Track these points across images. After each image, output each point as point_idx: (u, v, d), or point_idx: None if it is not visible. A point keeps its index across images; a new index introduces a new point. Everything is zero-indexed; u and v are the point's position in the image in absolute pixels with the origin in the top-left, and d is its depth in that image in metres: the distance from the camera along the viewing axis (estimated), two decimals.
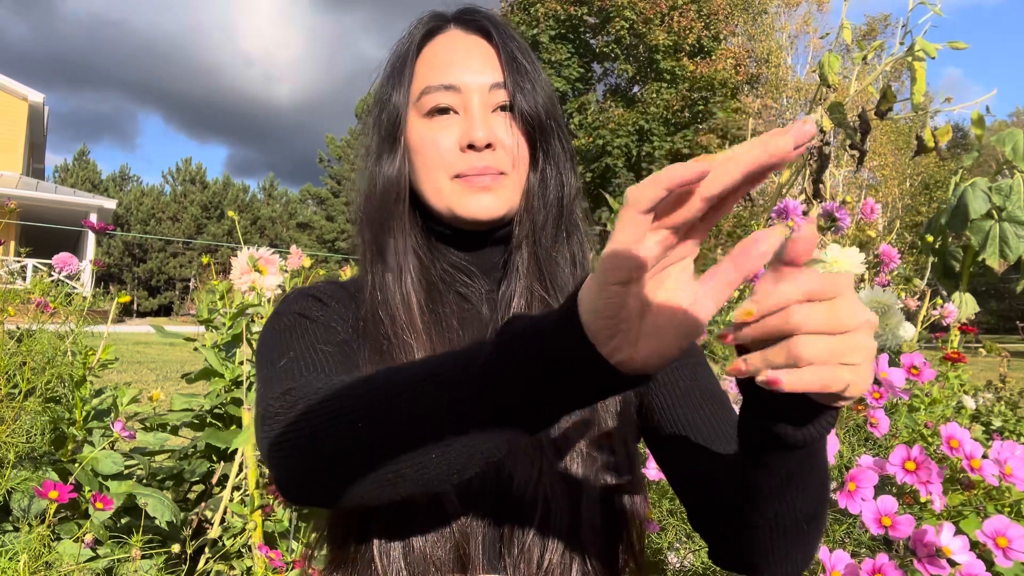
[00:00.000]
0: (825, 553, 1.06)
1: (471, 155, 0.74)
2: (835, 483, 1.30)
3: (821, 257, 1.97)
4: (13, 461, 1.51)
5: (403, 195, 0.77)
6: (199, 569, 1.75)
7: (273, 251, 1.71)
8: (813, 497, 0.58)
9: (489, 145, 0.74)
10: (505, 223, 0.78)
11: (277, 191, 42.11)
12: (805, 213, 2.40)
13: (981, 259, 2.64)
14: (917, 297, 2.47)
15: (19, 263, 13.18)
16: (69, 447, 1.82)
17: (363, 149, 0.82)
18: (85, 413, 1.85)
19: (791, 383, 0.39)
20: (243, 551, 1.84)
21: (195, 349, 2.40)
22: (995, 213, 2.64)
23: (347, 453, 0.54)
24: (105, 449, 1.77)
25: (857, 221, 2.91)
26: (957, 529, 1.05)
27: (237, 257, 1.69)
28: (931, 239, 2.87)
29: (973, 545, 1.05)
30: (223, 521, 1.91)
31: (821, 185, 2.85)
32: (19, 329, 1.83)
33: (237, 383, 2.17)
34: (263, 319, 2.09)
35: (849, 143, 2.92)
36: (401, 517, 0.68)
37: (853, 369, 0.40)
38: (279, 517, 1.73)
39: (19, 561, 1.27)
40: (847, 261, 1.96)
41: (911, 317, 2.32)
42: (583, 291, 0.44)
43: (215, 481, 2.18)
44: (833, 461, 1.22)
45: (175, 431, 2.33)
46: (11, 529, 1.57)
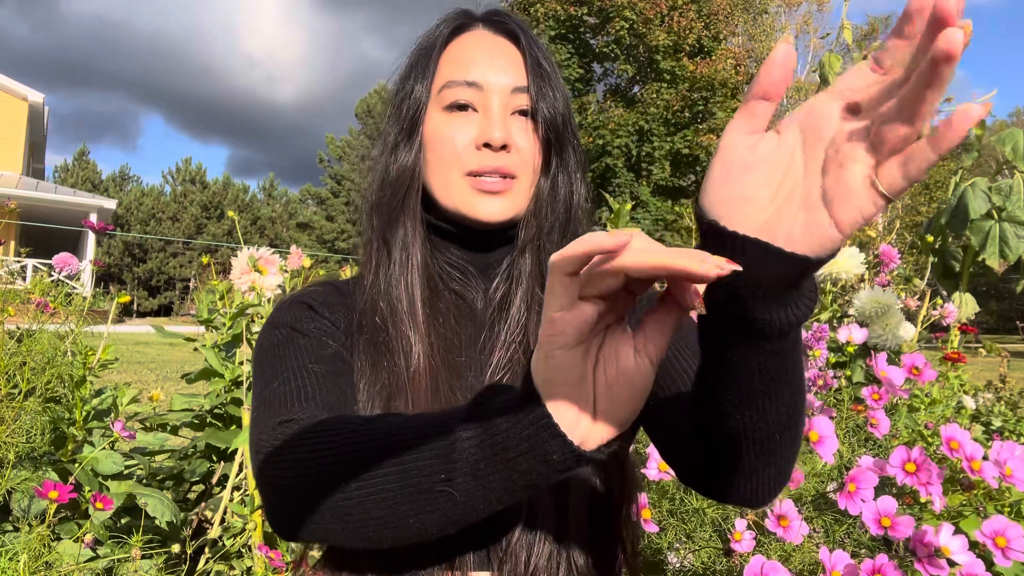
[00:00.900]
0: (825, 553, 1.06)
1: (485, 153, 0.74)
2: (835, 483, 1.30)
3: None
4: (13, 461, 1.51)
5: (416, 186, 0.78)
6: (199, 569, 1.75)
7: (273, 251, 1.71)
8: (787, 403, 0.52)
9: (504, 146, 0.74)
10: (511, 225, 0.78)
11: (277, 191, 42.14)
12: None
13: (981, 259, 2.64)
14: (917, 297, 2.47)
15: (19, 263, 13.19)
16: (69, 447, 1.82)
17: (379, 138, 0.82)
18: (85, 413, 1.85)
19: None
20: (243, 551, 1.84)
21: (195, 349, 2.40)
22: (995, 213, 2.64)
23: (329, 507, 0.57)
24: (105, 449, 1.77)
25: None
26: (956, 529, 1.05)
27: (237, 257, 1.69)
28: (931, 239, 2.87)
29: (973, 545, 1.05)
30: (223, 521, 1.91)
31: None
32: (19, 329, 1.83)
33: (237, 383, 2.17)
34: (263, 319, 2.09)
35: None
36: None
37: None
38: None
39: (19, 561, 1.27)
40: (847, 261, 1.96)
41: (911, 317, 2.32)
42: (533, 367, 0.45)
43: (215, 481, 2.18)
44: (833, 461, 1.22)
45: (175, 431, 2.33)
46: (11, 529, 1.57)
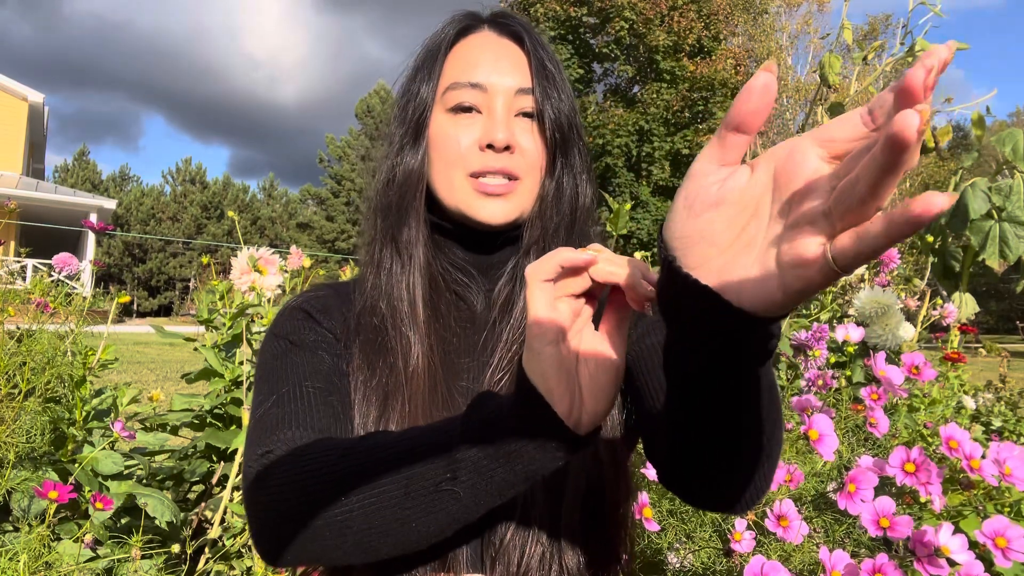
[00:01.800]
0: (825, 553, 1.06)
1: (488, 155, 0.74)
2: (835, 483, 1.30)
3: None
4: (13, 461, 1.51)
5: (421, 187, 0.78)
6: (199, 569, 1.75)
7: (273, 251, 1.71)
8: (749, 418, 0.50)
9: (508, 148, 0.74)
10: (515, 226, 0.78)
11: (277, 191, 42.12)
12: None
13: (981, 259, 2.63)
14: (917, 297, 2.47)
15: (19, 263, 13.19)
16: (69, 447, 1.82)
17: (383, 139, 0.83)
18: (85, 413, 1.85)
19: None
20: (243, 551, 1.84)
21: (195, 349, 2.40)
22: (995, 213, 2.64)
23: (327, 524, 0.58)
24: (105, 449, 1.77)
25: None
26: (956, 529, 1.05)
27: (237, 257, 1.69)
28: (931, 239, 2.87)
29: (972, 545, 1.05)
30: (223, 521, 1.91)
31: None
32: (19, 329, 1.83)
33: (237, 383, 2.17)
34: (263, 319, 2.09)
35: None
36: None
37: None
38: None
39: (19, 561, 1.27)
40: None
41: (911, 317, 2.32)
42: (525, 365, 0.51)
43: (215, 481, 2.18)
44: (833, 459, 1.22)
45: (175, 431, 2.33)
46: (11, 529, 1.57)
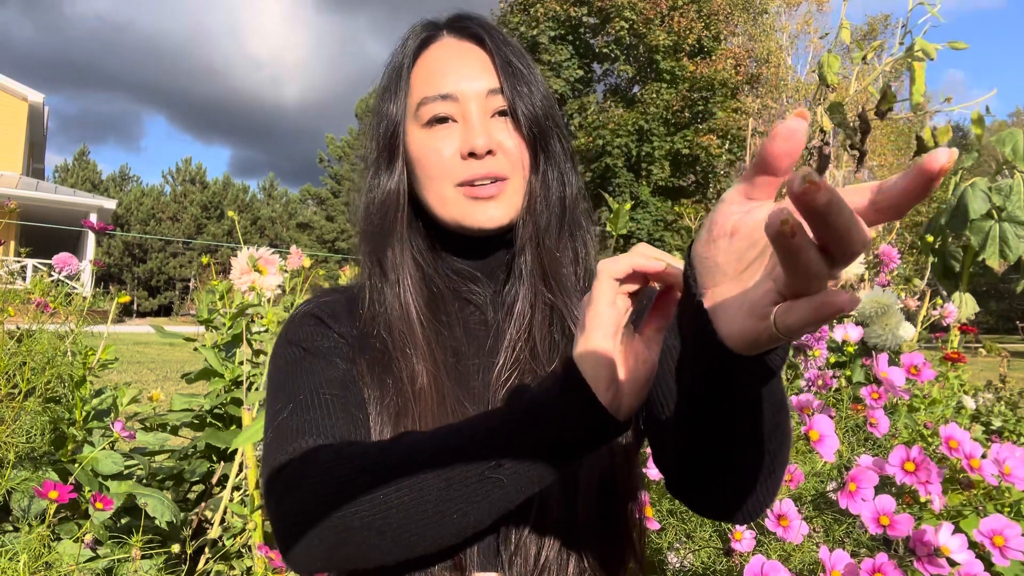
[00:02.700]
0: (825, 552, 1.06)
1: (472, 163, 0.74)
2: (835, 483, 1.30)
3: None
4: (13, 461, 1.51)
5: (402, 207, 0.78)
6: (199, 569, 1.75)
7: (273, 251, 1.71)
8: (752, 434, 0.52)
9: (490, 151, 0.74)
10: (509, 227, 0.78)
11: (277, 191, 42.12)
12: None
13: (981, 259, 2.64)
14: (917, 297, 2.47)
15: (19, 263, 13.18)
16: (69, 447, 1.82)
17: (362, 161, 0.83)
18: (85, 413, 1.85)
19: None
20: (243, 551, 1.84)
21: (195, 349, 2.40)
22: (995, 213, 2.64)
23: (366, 523, 0.58)
24: (105, 449, 1.77)
25: None
26: (956, 528, 1.05)
27: (237, 257, 1.69)
28: (931, 239, 2.87)
29: (972, 545, 1.05)
30: (223, 521, 1.91)
31: None
32: (19, 329, 1.83)
33: (237, 383, 2.18)
34: (263, 319, 2.09)
35: (849, 143, 2.92)
36: None
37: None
38: None
39: (19, 561, 1.27)
40: None
41: (911, 317, 2.32)
42: (578, 355, 0.54)
43: (215, 481, 2.18)
44: (834, 459, 1.22)
45: (175, 431, 2.33)
46: (11, 529, 1.57)
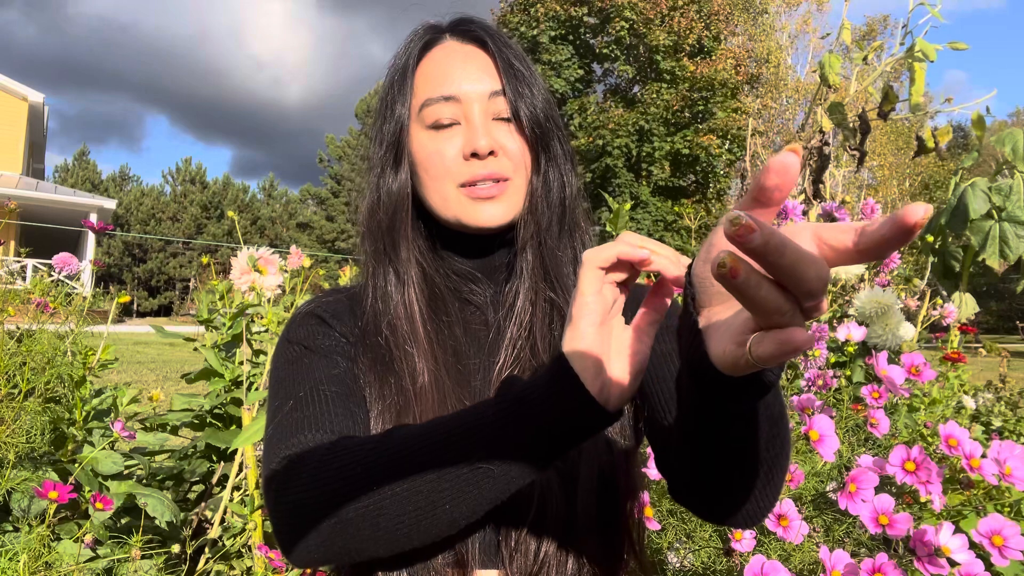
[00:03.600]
0: (825, 552, 1.06)
1: (475, 163, 0.75)
2: (835, 483, 1.30)
3: None
4: (13, 461, 1.51)
5: (406, 208, 0.79)
6: (199, 569, 1.75)
7: (273, 251, 1.71)
8: (749, 448, 0.54)
9: (492, 152, 0.75)
10: (510, 227, 0.79)
11: (277, 191, 42.12)
12: (805, 213, 2.39)
13: (981, 259, 2.64)
14: (917, 297, 2.47)
15: (19, 263, 13.18)
16: (69, 447, 1.82)
17: (364, 161, 0.84)
18: (85, 413, 1.85)
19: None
20: (243, 551, 1.84)
21: (195, 349, 2.40)
22: (995, 213, 2.64)
23: (361, 515, 0.59)
24: (105, 449, 1.77)
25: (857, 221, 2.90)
26: (956, 528, 1.05)
27: (237, 257, 1.69)
28: (931, 239, 2.87)
29: (972, 545, 1.05)
30: (223, 521, 1.92)
31: (821, 185, 2.85)
32: (19, 329, 1.83)
33: (237, 383, 2.18)
34: (263, 319, 2.09)
35: (849, 144, 2.92)
36: None
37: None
38: None
39: (19, 561, 1.27)
40: None
41: (911, 317, 2.32)
42: (566, 345, 0.54)
43: (215, 481, 2.18)
44: (834, 459, 1.22)
45: (175, 431, 2.33)
46: (11, 529, 1.57)
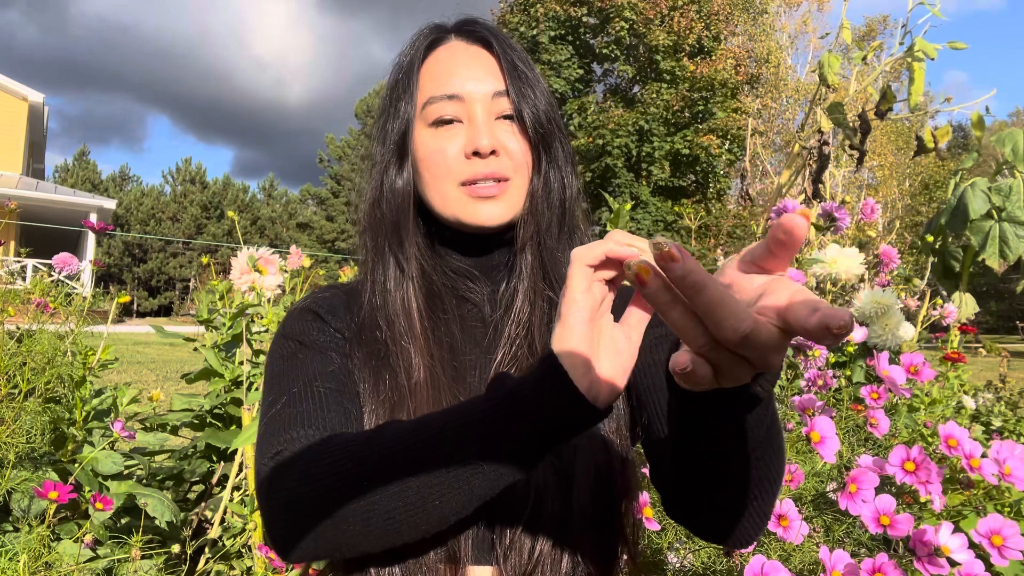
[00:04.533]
0: (825, 552, 1.06)
1: (476, 162, 0.76)
2: (835, 483, 1.30)
3: (820, 257, 1.97)
4: (13, 461, 1.51)
5: (409, 204, 0.79)
6: (199, 569, 1.75)
7: (273, 251, 1.71)
8: (741, 463, 0.57)
9: (493, 152, 0.76)
10: (510, 226, 0.79)
11: (277, 191, 42.11)
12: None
13: (981, 259, 2.64)
14: (917, 297, 2.47)
15: (19, 263, 13.18)
16: (69, 447, 1.82)
17: (365, 161, 0.85)
18: (85, 413, 1.85)
19: None
20: (243, 551, 1.84)
21: (195, 349, 2.40)
22: (995, 213, 2.64)
23: (351, 511, 0.59)
24: (105, 449, 1.77)
25: (857, 221, 2.91)
26: (956, 528, 1.05)
27: (237, 257, 1.69)
28: (931, 239, 2.87)
29: (973, 545, 1.05)
30: (223, 521, 1.92)
31: (821, 185, 2.85)
32: (19, 329, 1.83)
33: (237, 383, 2.18)
34: (263, 319, 2.09)
35: (848, 143, 2.92)
36: None
37: None
38: None
39: (19, 561, 1.27)
40: (847, 261, 1.96)
41: (911, 317, 2.32)
42: (555, 342, 0.54)
43: (215, 481, 2.18)
44: (835, 461, 1.22)
45: (175, 431, 2.33)
46: (11, 529, 1.57)
